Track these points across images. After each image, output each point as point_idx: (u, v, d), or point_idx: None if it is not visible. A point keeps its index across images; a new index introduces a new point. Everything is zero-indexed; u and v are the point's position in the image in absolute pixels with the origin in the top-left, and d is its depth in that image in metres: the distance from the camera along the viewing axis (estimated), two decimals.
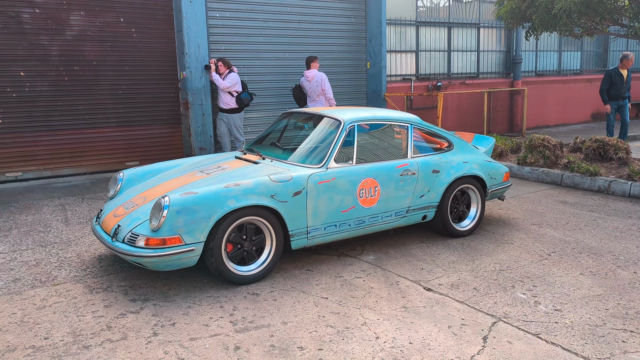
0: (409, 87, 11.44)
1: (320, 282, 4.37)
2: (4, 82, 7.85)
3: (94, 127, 8.56)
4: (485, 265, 4.73)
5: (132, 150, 8.90)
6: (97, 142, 8.61)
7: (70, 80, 8.30)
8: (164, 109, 9.10)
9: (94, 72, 8.45)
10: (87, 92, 8.44)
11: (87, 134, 8.52)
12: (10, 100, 7.92)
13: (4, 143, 7.96)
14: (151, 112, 9.00)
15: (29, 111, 8.07)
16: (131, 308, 3.91)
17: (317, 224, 4.60)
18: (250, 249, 4.35)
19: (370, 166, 4.89)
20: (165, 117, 9.13)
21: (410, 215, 5.20)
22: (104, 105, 8.59)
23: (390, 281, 4.38)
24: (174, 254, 3.97)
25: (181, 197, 4.02)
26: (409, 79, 11.55)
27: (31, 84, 8.04)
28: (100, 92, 8.53)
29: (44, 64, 8.08)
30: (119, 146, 8.79)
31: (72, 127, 8.40)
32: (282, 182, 4.40)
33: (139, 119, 8.90)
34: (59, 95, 8.24)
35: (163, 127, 9.15)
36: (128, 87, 8.74)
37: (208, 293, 4.16)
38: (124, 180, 5.06)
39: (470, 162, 5.55)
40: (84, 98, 8.43)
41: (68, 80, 8.28)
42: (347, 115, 5.03)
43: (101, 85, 8.53)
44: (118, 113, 8.72)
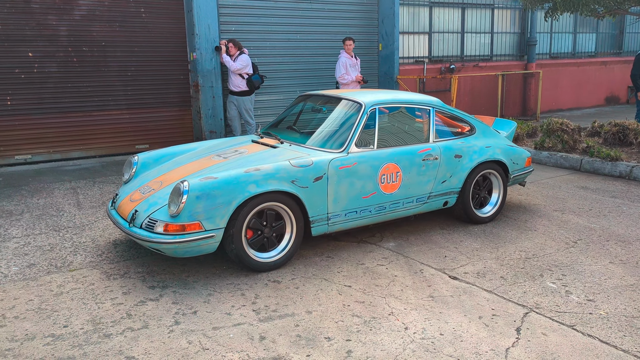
0: (422, 69, 11.24)
1: (341, 269, 4.27)
2: (12, 63, 7.70)
3: (103, 109, 8.43)
4: (510, 253, 4.61)
5: (141, 133, 8.77)
6: (107, 124, 8.49)
7: (79, 62, 8.14)
8: (173, 91, 8.95)
9: (102, 53, 8.29)
10: (96, 74, 8.29)
11: (97, 116, 8.39)
12: (19, 82, 7.78)
13: (13, 125, 7.84)
14: (161, 94, 8.85)
15: (37, 93, 7.93)
16: (150, 295, 3.81)
17: (337, 210, 4.48)
18: (270, 236, 4.24)
19: (392, 151, 4.76)
20: (175, 99, 8.98)
21: (432, 202, 5.07)
22: (113, 87, 8.45)
23: (413, 269, 4.26)
24: (194, 240, 3.86)
25: (201, 182, 3.89)
26: (422, 61, 11.35)
27: (40, 65, 7.89)
28: (109, 73, 8.38)
29: (53, 45, 7.93)
30: (129, 129, 8.66)
31: (81, 110, 8.26)
32: (302, 167, 4.27)
33: (148, 101, 8.76)
34: (67, 77, 8.10)
35: (173, 110, 9.00)
36: (137, 68, 8.58)
37: (228, 280, 4.06)
38: (139, 164, 4.94)
39: (492, 147, 5.41)
40: (93, 80, 8.28)
41: (77, 62, 8.13)
42: (367, 97, 4.88)
43: (110, 66, 8.37)
44: (127, 95, 8.58)
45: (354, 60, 9.05)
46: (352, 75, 8.99)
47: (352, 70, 9.00)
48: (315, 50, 9.98)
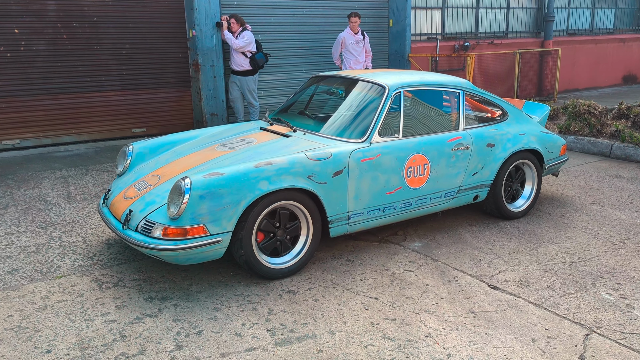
0: (434, 47, 10.61)
1: (365, 276, 3.76)
2: None
3: (96, 91, 7.83)
4: (552, 255, 4.10)
5: (138, 116, 8.20)
6: (100, 107, 7.90)
7: (69, 39, 7.53)
8: (172, 70, 8.35)
9: (95, 29, 7.67)
10: (88, 52, 7.68)
11: (89, 98, 7.80)
12: (5, 61, 7.18)
13: None
14: (158, 74, 8.25)
15: (25, 73, 7.33)
16: (148, 310, 3.31)
17: (359, 208, 3.96)
18: (283, 238, 3.72)
19: (419, 140, 4.21)
20: (173, 79, 8.38)
21: (461, 196, 4.55)
22: (107, 66, 7.85)
23: (447, 276, 3.76)
24: (198, 247, 3.34)
25: (205, 179, 3.36)
26: (434, 39, 10.71)
27: (27, 42, 7.28)
28: (102, 52, 7.77)
29: (41, 21, 7.31)
30: (124, 111, 8.08)
31: (72, 91, 7.67)
32: (320, 159, 3.74)
33: (144, 82, 8.16)
34: (57, 56, 7.49)
35: (171, 91, 8.41)
36: (132, 46, 7.97)
37: (236, 290, 3.56)
38: (134, 155, 4.39)
39: (527, 134, 4.86)
40: (85, 58, 7.67)
41: (67, 39, 7.52)
42: (390, 79, 4.32)
43: (103, 44, 7.76)
44: (122, 75, 7.98)
45: (357, 37, 8.43)
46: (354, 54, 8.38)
47: (354, 49, 8.39)
48: (323, 26, 9.35)
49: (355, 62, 8.54)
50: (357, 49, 8.51)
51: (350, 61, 8.54)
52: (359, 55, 8.57)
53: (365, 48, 8.68)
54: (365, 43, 8.67)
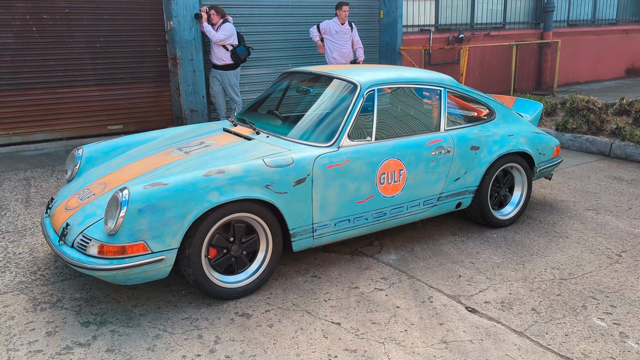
0: (427, 39, 10.18)
1: (330, 296, 3.39)
2: None
3: (69, 86, 7.45)
4: (541, 270, 3.72)
5: (114, 113, 7.82)
6: (74, 103, 7.52)
7: (39, 31, 7.14)
8: (149, 64, 7.95)
9: (66, 21, 7.28)
10: (60, 45, 7.29)
11: (62, 93, 7.42)
12: None
13: None
14: (135, 69, 7.86)
15: None
16: (81, 337, 2.94)
17: (325, 220, 3.58)
18: (239, 254, 3.35)
19: (394, 143, 3.83)
20: (151, 74, 7.99)
21: (442, 204, 4.16)
22: (80, 60, 7.46)
23: (421, 296, 3.38)
24: (137, 266, 2.97)
25: (145, 191, 2.99)
26: (427, 30, 10.28)
27: None
28: (75, 45, 7.38)
29: (7, 12, 6.92)
30: (99, 108, 7.70)
31: (43, 86, 7.29)
32: (280, 167, 3.35)
33: (120, 77, 7.77)
34: (26, 49, 7.11)
35: (149, 86, 8.03)
36: (107, 39, 7.57)
37: (184, 312, 3.19)
38: (83, 159, 4.02)
39: (516, 135, 4.47)
40: (56, 52, 7.29)
41: (36, 31, 7.13)
42: (363, 76, 3.93)
43: (76, 37, 7.37)
44: (97, 69, 7.59)
45: (344, 27, 8.01)
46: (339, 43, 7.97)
47: (339, 39, 7.98)
48: (310, 18, 8.93)
49: (339, 53, 8.13)
50: (342, 40, 8.09)
51: (333, 51, 8.13)
52: (344, 46, 8.14)
53: (353, 39, 8.27)
54: (353, 34, 8.26)
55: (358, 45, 8.29)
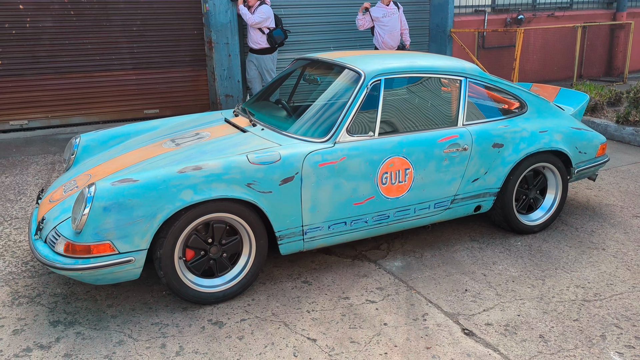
0: (482, 21, 9.51)
1: (315, 306, 3.10)
2: (1, 17, 6.84)
3: (106, 70, 7.47)
4: (562, 288, 3.26)
5: (150, 97, 7.79)
6: (111, 86, 7.54)
7: (77, 15, 7.17)
8: (186, 48, 7.84)
9: (103, 4, 7.26)
10: (97, 29, 7.31)
11: (99, 77, 7.46)
12: (10, 39, 6.93)
13: (5, 87, 7.05)
14: (171, 53, 7.77)
15: (31, 51, 7.06)
16: (45, 338, 2.82)
17: (317, 222, 3.28)
18: (218, 257, 3.12)
19: (400, 139, 3.45)
20: (187, 58, 7.88)
21: (458, 207, 3.75)
22: (117, 44, 7.45)
23: (414, 312, 3.03)
24: (103, 267, 2.80)
25: (113, 188, 2.80)
26: (482, 11, 9.59)
27: (32, 19, 6.98)
28: (112, 28, 7.37)
29: None
30: (135, 92, 7.69)
31: (81, 70, 7.34)
32: (264, 164, 3.08)
33: (157, 61, 7.72)
34: (64, 33, 7.16)
35: (185, 70, 7.93)
36: (144, 22, 7.51)
37: (157, 316, 3.01)
38: (80, 147, 3.91)
39: (550, 131, 3.96)
40: (94, 36, 7.31)
41: (74, 15, 7.16)
42: (371, 65, 3.56)
43: (113, 20, 7.36)
44: (133, 53, 7.57)
45: (390, 9, 7.52)
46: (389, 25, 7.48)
47: (388, 21, 7.50)
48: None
49: (390, 36, 7.63)
50: (391, 22, 7.59)
51: (384, 35, 7.65)
52: (394, 27, 7.62)
53: (401, 19, 7.74)
54: (400, 14, 7.74)
55: (404, 27, 7.77)
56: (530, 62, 9.96)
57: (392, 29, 7.52)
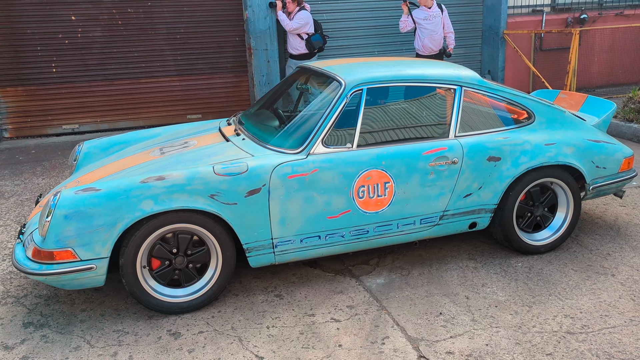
0: (539, 21, 8.96)
1: (277, 322, 3.03)
2: (55, 28, 7.30)
3: (152, 77, 7.78)
4: (547, 317, 2.98)
5: (193, 102, 8.02)
6: (155, 92, 7.85)
7: (124, 25, 7.52)
8: (228, 55, 8.00)
9: (149, 14, 7.57)
10: (143, 38, 7.62)
11: (145, 83, 7.78)
12: (63, 48, 7.39)
13: (59, 94, 7.52)
14: (214, 59, 7.96)
15: (82, 59, 7.49)
16: (11, 339, 2.95)
17: (288, 235, 3.21)
18: (183, 267, 3.12)
19: (379, 152, 3.30)
20: (229, 64, 8.04)
21: (448, 223, 3.54)
22: (162, 52, 7.73)
23: (376, 335, 2.88)
24: (65, 273, 2.89)
25: (75, 196, 2.88)
26: (540, 11, 9.04)
27: (83, 29, 7.40)
28: (157, 37, 7.66)
29: (96, 7, 7.37)
30: (179, 97, 7.95)
31: (128, 77, 7.70)
32: (230, 175, 3.05)
33: (200, 67, 7.93)
34: (113, 42, 7.54)
35: (227, 76, 8.09)
36: (187, 30, 7.75)
37: (121, 324, 3.06)
38: (82, 154, 4.07)
39: (558, 144, 3.64)
40: (140, 44, 7.63)
41: (122, 25, 7.52)
42: (355, 74, 3.44)
43: (158, 29, 7.64)
44: (177, 61, 7.82)
45: (432, 12, 7.23)
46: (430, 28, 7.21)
47: (429, 24, 7.23)
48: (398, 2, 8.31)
49: (430, 39, 7.34)
50: (433, 24, 7.31)
51: (424, 38, 7.40)
52: (435, 31, 7.33)
53: (444, 23, 7.44)
54: (444, 17, 7.43)
55: (448, 30, 7.44)
56: (594, 65, 9.27)
57: (433, 32, 7.24)
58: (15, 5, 7.10)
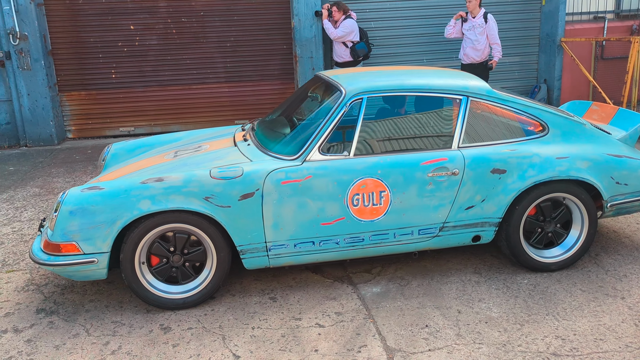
0: (601, 29, 8.53)
1: (263, 323, 3.11)
2: (116, 37, 7.79)
3: (202, 83, 8.11)
4: (537, 337, 2.87)
5: (240, 108, 8.28)
6: (205, 98, 8.18)
7: (177, 33, 7.91)
8: (275, 62, 8.20)
9: (201, 23, 7.91)
10: (195, 46, 7.98)
11: (195, 89, 8.13)
12: (122, 56, 7.87)
13: (117, 98, 8.01)
14: (262, 67, 8.19)
15: (139, 66, 7.94)
16: (22, 323, 3.20)
17: (281, 239, 3.28)
18: (180, 265, 3.27)
19: (376, 161, 3.30)
20: (277, 71, 8.24)
21: (449, 235, 3.47)
22: (212, 59, 8.05)
23: (354, 342, 2.89)
24: (70, 265, 3.11)
25: (80, 194, 3.11)
26: (602, 18, 8.60)
27: (141, 38, 7.85)
28: (208, 45, 8.00)
29: (153, 17, 7.80)
30: (227, 103, 8.24)
31: (180, 83, 8.07)
32: (225, 179, 3.17)
33: (248, 74, 8.18)
34: (167, 50, 7.94)
35: (274, 83, 8.29)
36: (237, 39, 8.03)
37: (120, 315, 3.25)
38: (110, 155, 4.34)
39: (571, 158, 3.49)
40: (192, 52, 7.99)
41: (176, 33, 7.90)
42: (357, 83, 3.47)
43: (209, 37, 7.97)
44: (226, 68, 8.12)
45: (476, 21, 7.07)
46: (471, 38, 7.07)
47: (472, 34, 7.07)
48: (448, 9, 8.21)
49: (472, 49, 7.21)
50: (474, 35, 7.17)
51: (466, 47, 7.27)
52: (478, 40, 7.17)
53: (488, 34, 7.27)
54: (488, 28, 7.25)
55: (493, 41, 7.24)
56: None
57: (475, 42, 7.09)
58: (81, 16, 7.65)
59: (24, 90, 7.42)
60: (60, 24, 7.65)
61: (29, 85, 7.42)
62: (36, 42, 7.33)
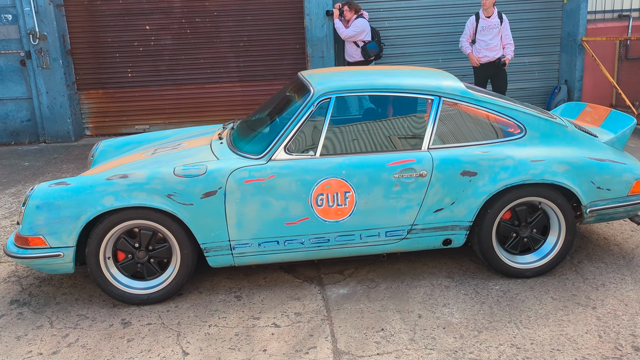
0: (625, 28, 8.18)
1: (222, 321, 3.12)
2: (132, 37, 7.97)
3: (215, 82, 8.21)
4: (492, 344, 2.78)
5: (253, 107, 8.30)
6: (218, 97, 8.27)
7: (192, 33, 8.03)
8: (288, 62, 8.22)
9: (215, 23, 8.01)
10: (209, 45, 8.08)
11: (209, 88, 8.23)
12: (138, 55, 8.04)
13: (133, 96, 8.19)
14: (274, 66, 8.22)
15: (154, 65, 8.10)
16: None
17: (245, 238, 3.28)
18: (144, 261, 3.32)
19: (340, 161, 3.27)
20: (289, 71, 8.25)
21: (418, 238, 3.40)
22: (225, 58, 8.14)
23: (305, 344, 2.87)
24: (37, 258, 3.20)
25: (48, 189, 3.19)
26: (627, 16, 8.25)
27: (156, 37, 8.01)
28: (221, 44, 8.08)
29: (168, 17, 7.94)
30: (240, 102, 8.30)
31: (194, 82, 8.19)
32: (188, 177, 3.20)
33: (261, 74, 8.23)
34: (182, 49, 8.07)
35: (287, 82, 8.28)
36: (250, 38, 8.08)
37: (87, 309, 3.32)
38: (98, 152, 4.44)
39: (548, 161, 3.36)
40: (206, 51, 8.09)
41: (190, 33, 8.02)
42: (325, 82, 3.44)
43: (222, 37, 8.06)
44: (239, 67, 8.18)
45: (491, 21, 6.89)
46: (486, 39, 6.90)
47: (486, 35, 6.90)
48: (463, 8, 8.06)
49: (487, 49, 7.04)
50: (489, 36, 7.00)
51: (480, 49, 7.11)
52: (492, 40, 7.00)
53: (502, 34, 7.08)
54: (503, 28, 7.07)
55: (507, 41, 7.04)
56: None
57: (489, 43, 6.91)
58: (98, 16, 7.86)
59: (43, 89, 7.68)
60: (78, 25, 7.88)
61: (47, 83, 7.68)
62: (55, 42, 7.57)
